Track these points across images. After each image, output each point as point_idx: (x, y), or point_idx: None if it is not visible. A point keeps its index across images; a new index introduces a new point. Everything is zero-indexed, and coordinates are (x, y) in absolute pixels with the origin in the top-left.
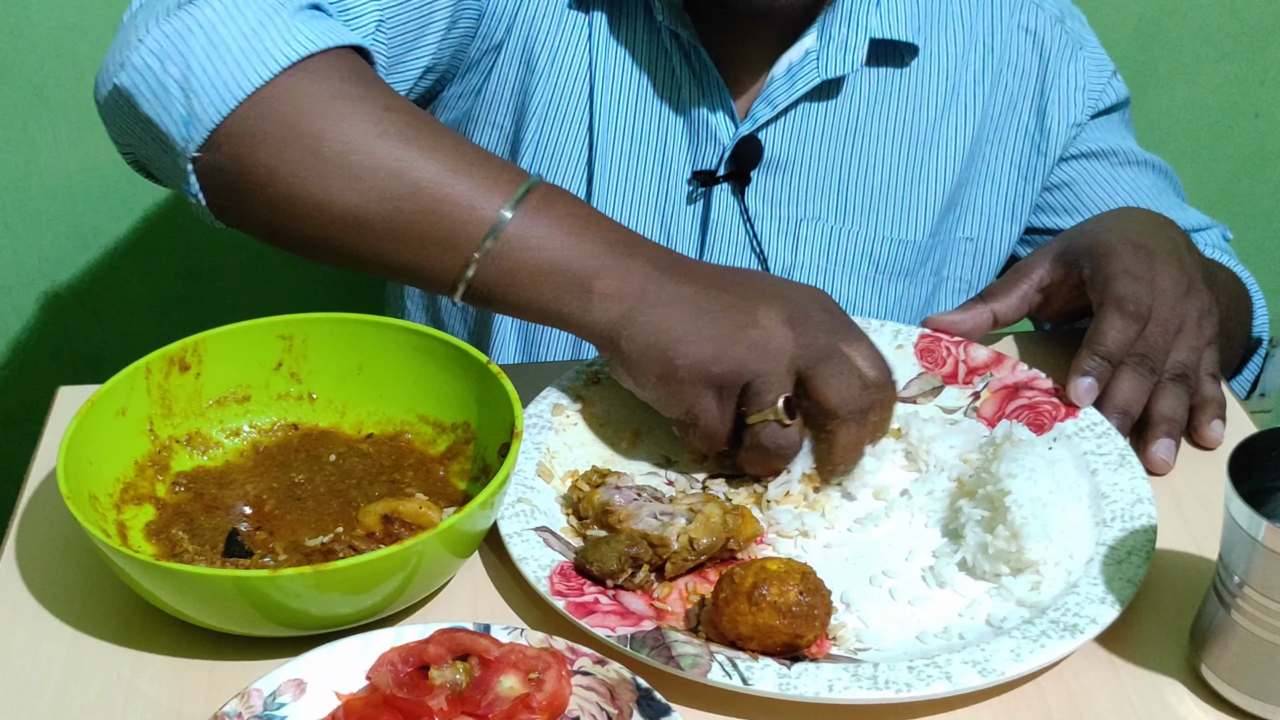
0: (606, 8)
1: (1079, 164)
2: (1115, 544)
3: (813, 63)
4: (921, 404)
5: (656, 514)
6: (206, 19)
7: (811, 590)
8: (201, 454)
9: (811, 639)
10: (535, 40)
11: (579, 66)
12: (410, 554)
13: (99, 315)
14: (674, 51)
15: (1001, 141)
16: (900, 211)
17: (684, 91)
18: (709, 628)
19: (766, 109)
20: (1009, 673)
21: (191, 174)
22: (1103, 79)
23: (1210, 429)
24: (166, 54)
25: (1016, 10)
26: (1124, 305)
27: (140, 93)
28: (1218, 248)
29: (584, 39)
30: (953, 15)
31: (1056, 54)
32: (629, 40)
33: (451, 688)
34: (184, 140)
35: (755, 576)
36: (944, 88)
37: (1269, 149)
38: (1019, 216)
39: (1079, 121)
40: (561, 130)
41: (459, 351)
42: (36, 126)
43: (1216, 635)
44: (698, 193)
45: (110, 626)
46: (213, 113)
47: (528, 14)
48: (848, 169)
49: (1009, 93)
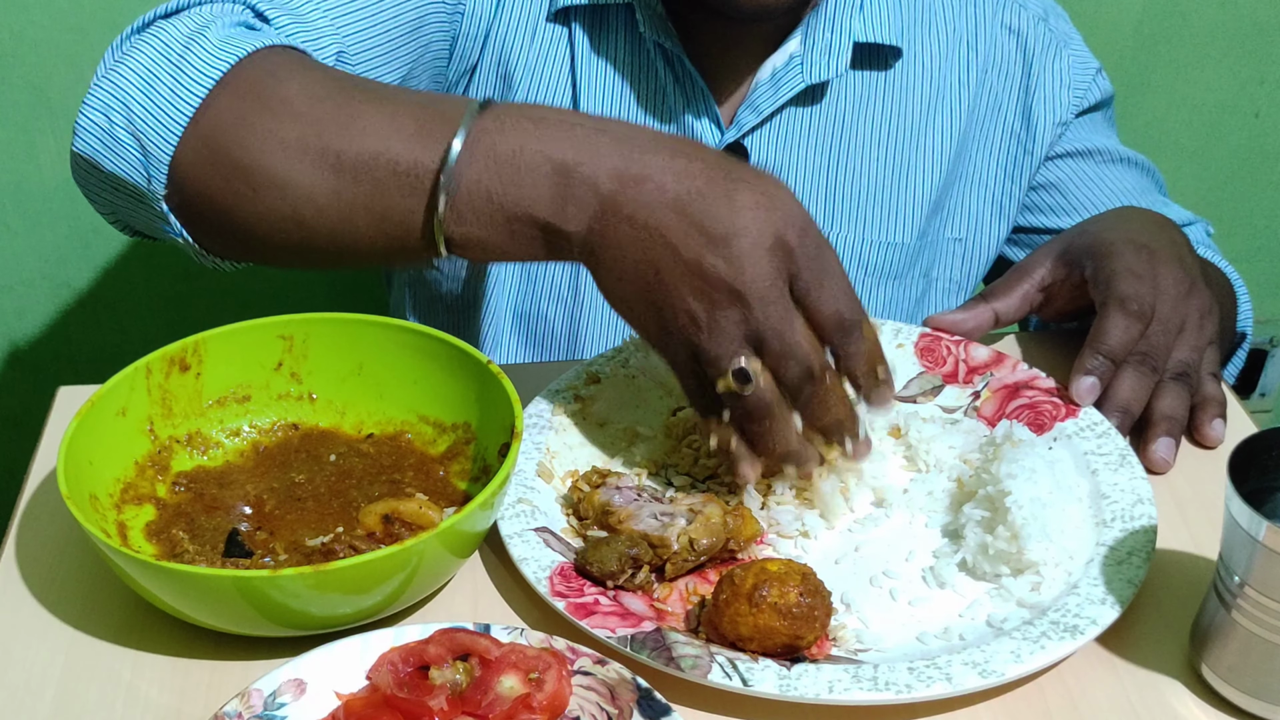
0: (588, 21)
1: (1065, 163)
2: (1115, 544)
3: (797, 67)
4: (921, 403)
5: (656, 514)
6: (138, 64)
7: (812, 591)
8: (201, 454)
9: (812, 640)
10: (512, 55)
11: (561, 80)
12: (410, 554)
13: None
14: (657, 60)
15: (987, 142)
16: (887, 214)
17: (669, 100)
18: (709, 629)
19: (751, 115)
20: (1009, 674)
21: (170, 214)
22: (1087, 77)
23: (1211, 428)
24: (110, 107)
25: (999, 10)
26: (1127, 304)
27: (98, 152)
28: (1202, 244)
29: (565, 52)
30: (935, 16)
31: (1040, 52)
32: (611, 51)
33: (452, 688)
34: (148, 183)
35: (755, 578)
36: (928, 89)
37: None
38: (1007, 216)
39: (1064, 120)
40: None
41: (459, 351)
42: (36, 126)
43: (1217, 635)
44: None
45: (110, 626)
46: (165, 148)
47: (503, 31)
48: (834, 173)
49: (994, 93)
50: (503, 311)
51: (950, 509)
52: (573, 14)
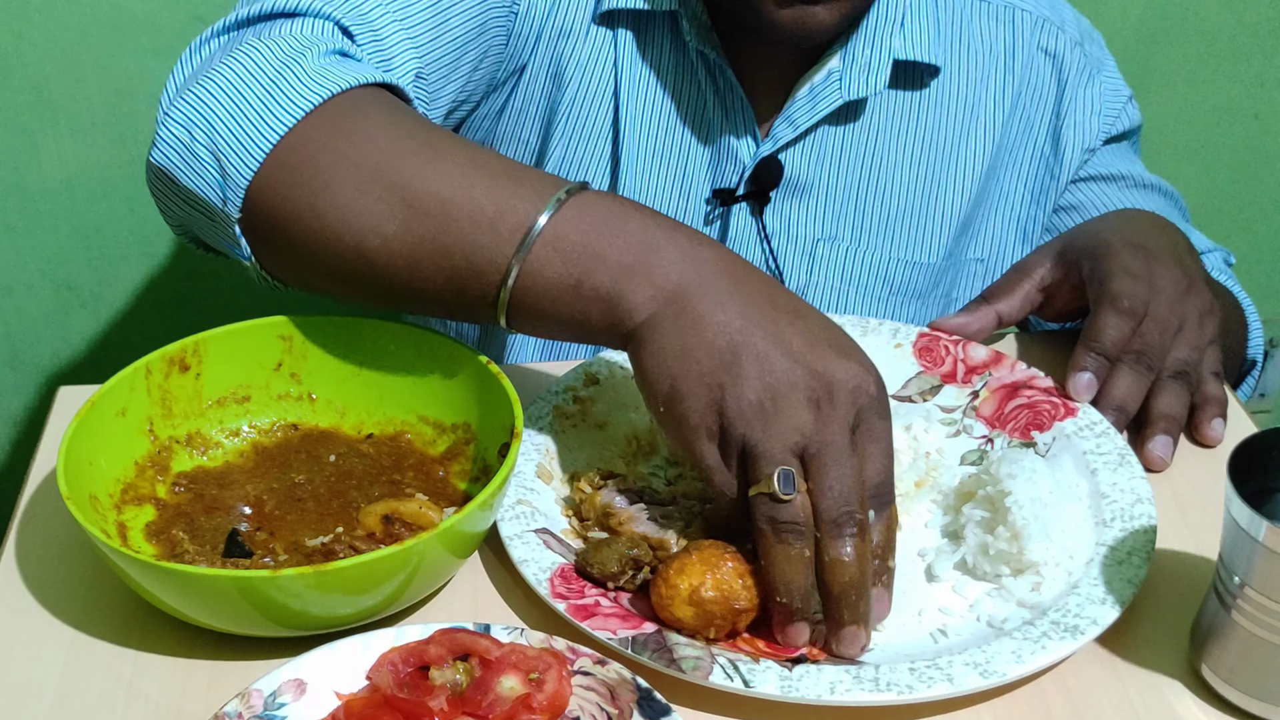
0: (633, 25)
1: (1089, 186)
2: (1115, 544)
3: (835, 84)
4: (920, 403)
5: (656, 517)
6: (227, 80)
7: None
8: (201, 454)
9: (716, 635)
10: (562, 56)
11: (605, 83)
12: (410, 554)
13: (99, 315)
14: (700, 70)
15: (1016, 164)
16: (916, 234)
17: (708, 110)
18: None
19: (788, 129)
20: (1010, 674)
21: (241, 237)
22: (1118, 105)
23: (1211, 427)
24: (193, 123)
25: (1037, 31)
26: (1119, 302)
27: (176, 167)
28: (1220, 271)
29: (610, 56)
30: (974, 36)
31: (1075, 77)
32: (655, 58)
33: (452, 688)
34: (223, 204)
35: (678, 563)
36: (963, 110)
37: (1269, 149)
38: (1030, 238)
39: (1092, 146)
40: (586, 146)
41: (459, 351)
42: (37, 126)
43: (1217, 635)
44: (716, 212)
45: (110, 626)
46: (245, 170)
47: (553, 31)
48: (866, 191)
49: (1026, 115)
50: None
51: (950, 509)
52: (617, 18)
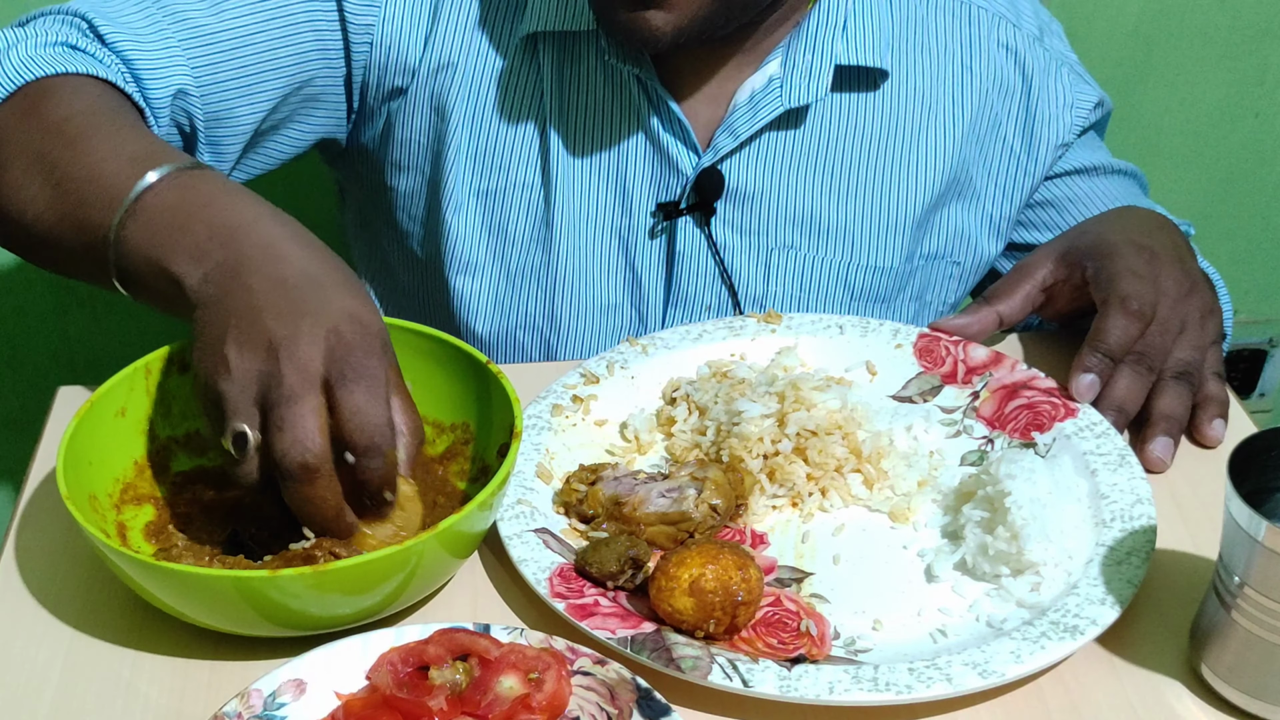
0: (557, 47)
1: (1063, 181)
2: (1115, 544)
3: (776, 90)
4: (920, 404)
5: (664, 492)
6: None
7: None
8: (201, 454)
9: (715, 630)
10: (469, 83)
11: (528, 105)
12: (409, 554)
13: (99, 315)
14: (631, 85)
15: (986, 161)
16: (874, 237)
17: (643, 123)
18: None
19: (729, 139)
20: (1009, 674)
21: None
22: (1089, 99)
23: (1211, 427)
24: None
25: (994, 28)
26: (1128, 304)
27: None
28: None
29: (533, 79)
30: (929, 34)
31: (1040, 73)
32: (582, 76)
33: (451, 688)
34: None
35: (678, 558)
36: (919, 110)
37: (1268, 149)
38: (1001, 235)
39: (1066, 141)
40: (514, 170)
41: (459, 351)
42: None
43: (1216, 635)
44: (661, 225)
45: (110, 626)
46: None
47: (449, 59)
48: (818, 196)
49: (992, 112)
50: (475, 343)
51: (950, 509)
52: (540, 40)
